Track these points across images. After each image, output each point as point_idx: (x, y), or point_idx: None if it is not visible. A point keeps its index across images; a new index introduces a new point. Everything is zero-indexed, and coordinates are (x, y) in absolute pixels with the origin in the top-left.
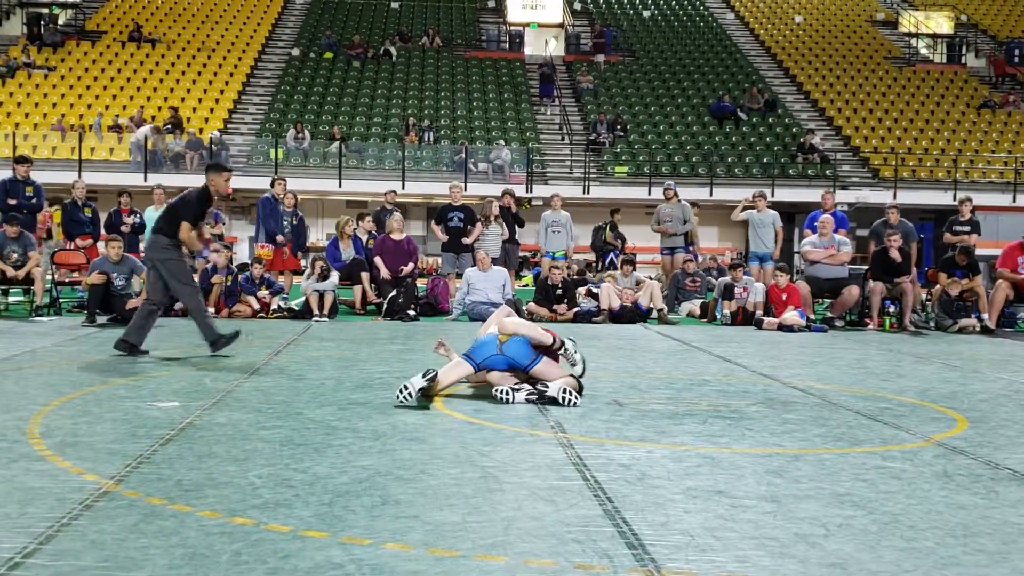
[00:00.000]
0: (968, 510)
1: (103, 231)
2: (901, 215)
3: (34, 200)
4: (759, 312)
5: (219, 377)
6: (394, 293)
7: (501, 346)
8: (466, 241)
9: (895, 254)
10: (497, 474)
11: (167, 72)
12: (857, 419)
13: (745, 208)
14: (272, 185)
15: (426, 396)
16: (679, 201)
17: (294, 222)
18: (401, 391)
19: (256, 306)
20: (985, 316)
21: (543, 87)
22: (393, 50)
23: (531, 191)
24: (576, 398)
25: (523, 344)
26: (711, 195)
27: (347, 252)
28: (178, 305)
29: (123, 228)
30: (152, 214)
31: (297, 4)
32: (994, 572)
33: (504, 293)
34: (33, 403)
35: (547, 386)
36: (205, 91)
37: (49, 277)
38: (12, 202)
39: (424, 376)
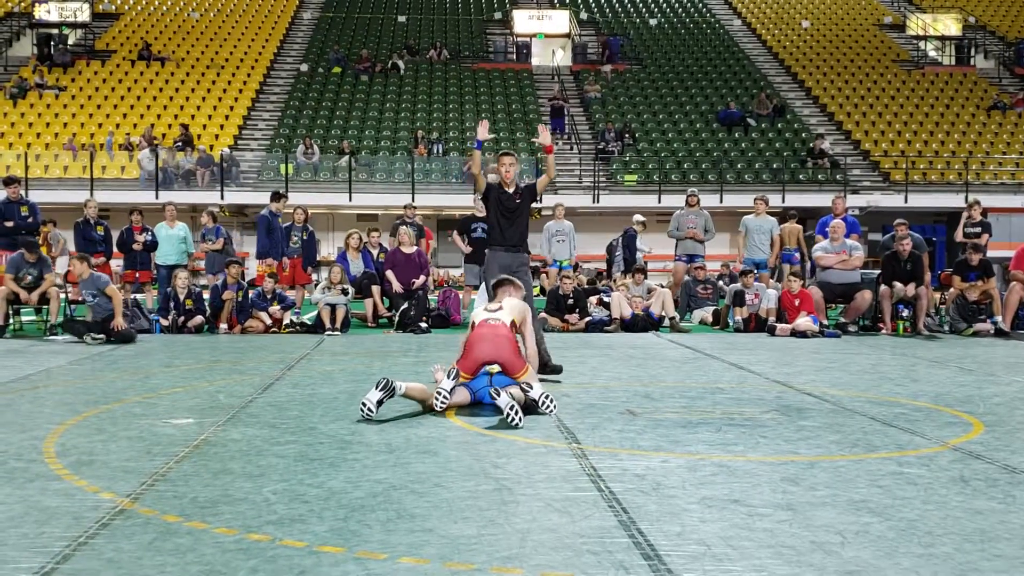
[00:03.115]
0: (985, 515)
1: (115, 249)
2: (914, 219)
3: (30, 219)
4: (772, 318)
5: (233, 393)
6: (406, 306)
7: (490, 379)
8: None
9: (903, 249)
10: (511, 486)
11: (177, 90)
12: (872, 425)
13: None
14: (276, 200)
15: (428, 409)
16: (701, 209)
17: (304, 237)
18: (362, 408)
19: (268, 321)
20: (999, 319)
21: (554, 121)
22: (401, 63)
23: (540, 201)
24: (554, 406)
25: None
26: (721, 202)
27: (356, 265)
28: (192, 322)
29: (135, 246)
30: (166, 231)
31: (305, 20)
32: None
33: None
34: (48, 422)
35: (531, 386)
36: (215, 108)
37: (62, 296)
38: (9, 224)
39: (378, 387)
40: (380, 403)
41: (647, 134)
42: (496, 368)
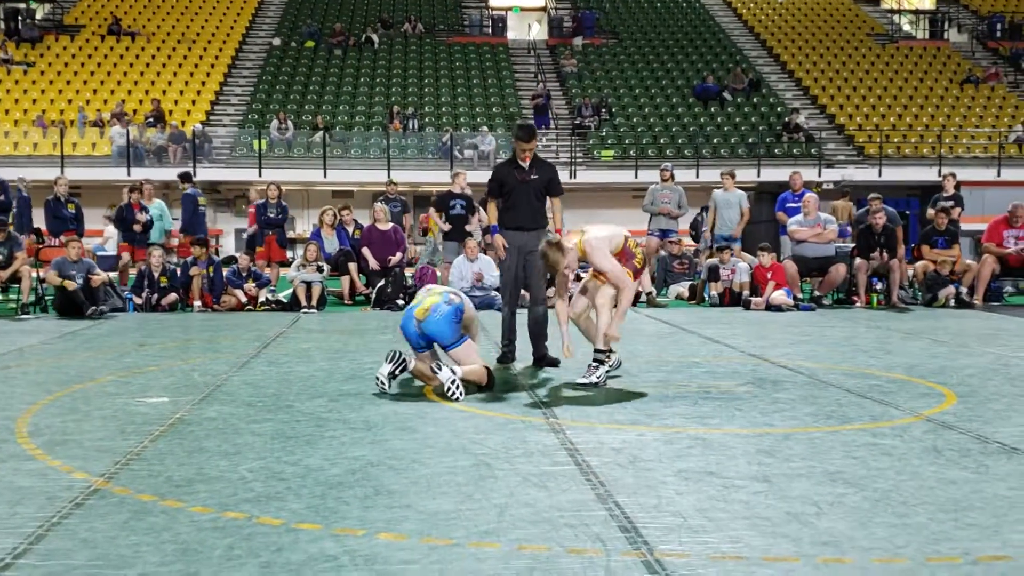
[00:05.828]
0: (959, 485)
1: (114, 228)
2: (888, 193)
3: (1, 198)
4: (745, 292)
5: (208, 371)
6: (382, 283)
7: (419, 324)
8: (468, 228)
9: (877, 223)
10: (489, 461)
11: (147, 65)
12: (847, 397)
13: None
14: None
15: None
16: (675, 184)
17: (278, 214)
18: (376, 382)
19: (243, 299)
20: (964, 289)
21: (538, 118)
22: (375, 37)
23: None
24: (460, 393)
25: (446, 323)
26: (697, 176)
27: (330, 242)
28: (165, 299)
29: (136, 227)
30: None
31: None
32: (986, 546)
33: (492, 280)
34: (21, 402)
35: (440, 368)
36: (186, 83)
37: (34, 275)
38: None
39: (388, 360)
40: (392, 376)
41: (623, 109)
42: (422, 311)
